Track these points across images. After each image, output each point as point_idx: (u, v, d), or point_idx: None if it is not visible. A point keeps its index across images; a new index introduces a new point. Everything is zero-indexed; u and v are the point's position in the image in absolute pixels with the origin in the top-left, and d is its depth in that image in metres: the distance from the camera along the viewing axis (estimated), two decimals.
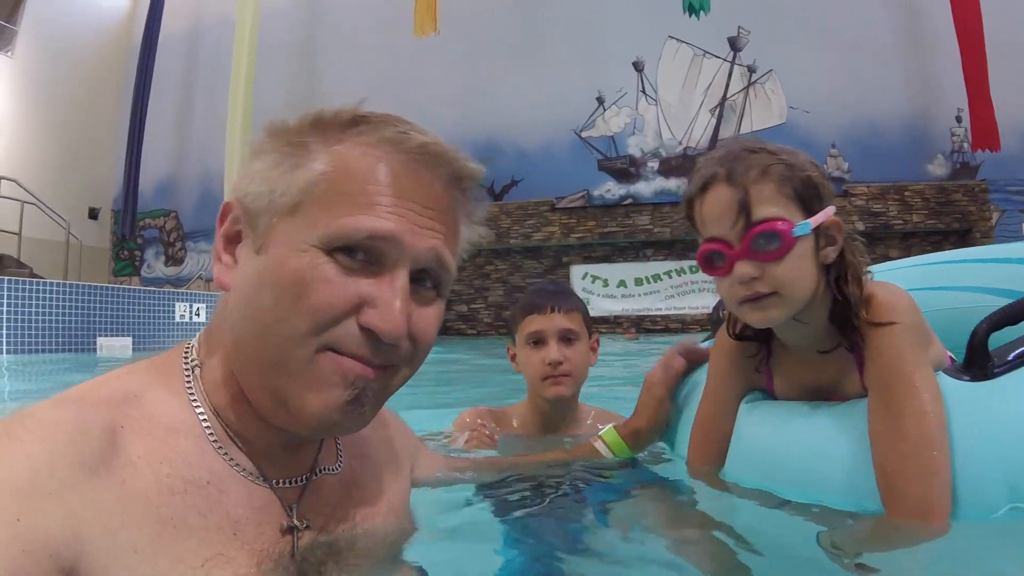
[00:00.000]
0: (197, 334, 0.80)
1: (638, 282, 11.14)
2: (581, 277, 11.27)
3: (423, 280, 0.73)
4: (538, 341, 1.75)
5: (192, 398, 0.73)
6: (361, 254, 0.68)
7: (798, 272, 1.08)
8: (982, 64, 11.00)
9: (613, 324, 11.07)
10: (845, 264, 1.13)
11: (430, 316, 0.74)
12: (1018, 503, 1.02)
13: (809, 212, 1.09)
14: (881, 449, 1.05)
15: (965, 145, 11.75)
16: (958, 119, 11.78)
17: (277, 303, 0.67)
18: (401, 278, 0.69)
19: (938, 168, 11.62)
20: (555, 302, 1.75)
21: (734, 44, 12.11)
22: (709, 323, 2.04)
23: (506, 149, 12.12)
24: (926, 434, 1.01)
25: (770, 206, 1.06)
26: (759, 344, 1.28)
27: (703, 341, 1.95)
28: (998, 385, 1.09)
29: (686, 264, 11.03)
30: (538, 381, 1.75)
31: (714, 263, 1.12)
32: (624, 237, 11.16)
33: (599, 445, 1.39)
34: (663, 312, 11.01)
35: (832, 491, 1.14)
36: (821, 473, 1.15)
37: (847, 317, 1.12)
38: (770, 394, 1.33)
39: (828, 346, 1.18)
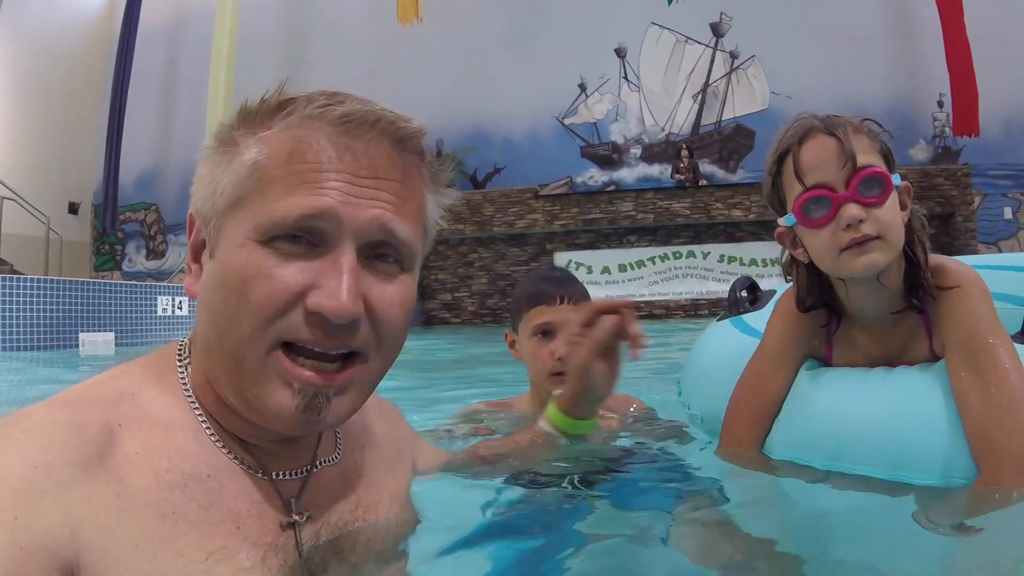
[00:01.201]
0: (189, 331, 0.79)
1: (622, 268, 11.11)
2: (565, 264, 11.22)
3: (384, 256, 0.70)
4: (546, 333, 1.67)
5: (187, 395, 0.73)
6: (304, 238, 0.66)
7: (896, 219, 1.13)
8: (965, 51, 11.07)
9: None
10: (914, 230, 1.18)
11: (393, 292, 0.70)
12: None
13: (891, 170, 1.15)
14: (974, 407, 1.05)
15: (947, 130, 11.80)
16: (940, 104, 11.82)
17: (226, 305, 0.66)
18: (346, 254, 0.66)
19: (920, 153, 11.65)
20: (565, 292, 1.67)
21: (716, 30, 12.10)
22: (728, 302, 2.12)
23: (492, 137, 12.08)
24: (1016, 391, 1.02)
25: (869, 155, 1.12)
26: (828, 312, 1.29)
27: (718, 320, 2.05)
28: None
29: (669, 250, 11.02)
30: (544, 376, 1.67)
31: (817, 210, 1.13)
32: (607, 223, 11.13)
33: (545, 424, 1.22)
34: (647, 298, 10.99)
35: (917, 457, 1.10)
36: (906, 438, 1.12)
37: (917, 278, 1.16)
38: (828, 363, 1.33)
39: (899, 307, 1.20)
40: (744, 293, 2.12)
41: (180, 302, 9.57)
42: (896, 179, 1.13)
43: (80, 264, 14.17)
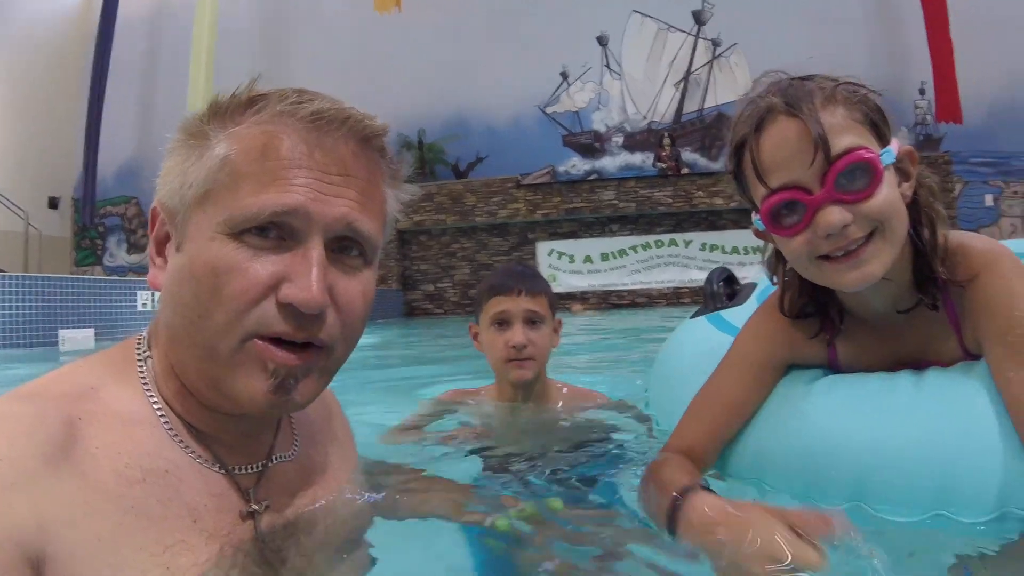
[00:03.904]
0: (147, 327, 0.80)
1: (604, 257, 11.09)
2: (547, 253, 11.21)
3: (348, 249, 0.73)
4: (503, 322, 1.73)
5: (147, 390, 0.74)
6: (273, 232, 0.68)
7: (895, 204, 0.89)
8: (947, 39, 11.10)
9: (580, 300, 11.01)
10: (921, 205, 0.95)
11: (356, 286, 0.73)
12: None
13: (883, 140, 0.91)
14: None
15: (928, 118, 11.84)
16: (921, 91, 11.87)
17: (196, 298, 0.68)
18: (315, 248, 0.69)
19: (901, 140, 11.57)
20: (522, 284, 1.73)
21: (698, 18, 12.07)
22: (703, 296, 1.91)
23: (474, 126, 12.04)
24: None
25: (847, 135, 0.87)
26: (820, 320, 1.05)
27: (692, 316, 1.85)
28: None
29: (651, 239, 11.01)
30: (501, 363, 1.74)
31: (788, 216, 0.90)
32: (590, 213, 11.10)
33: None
34: (629, 287, 10.98)
35: (969, 489, 0.86)
36: (952, 461, 0.87)
37: (929, 269, 0.94)
38: (833, 370, 1.09)
39: (907, 304, 0.98)
40: (721, 286, 1.89)
41: (160, 297, 9.48)
42: (889, 154, 0.89)
43: (60, 259, 14.02)
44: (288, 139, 0.69)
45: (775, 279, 1.09)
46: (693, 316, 1.87)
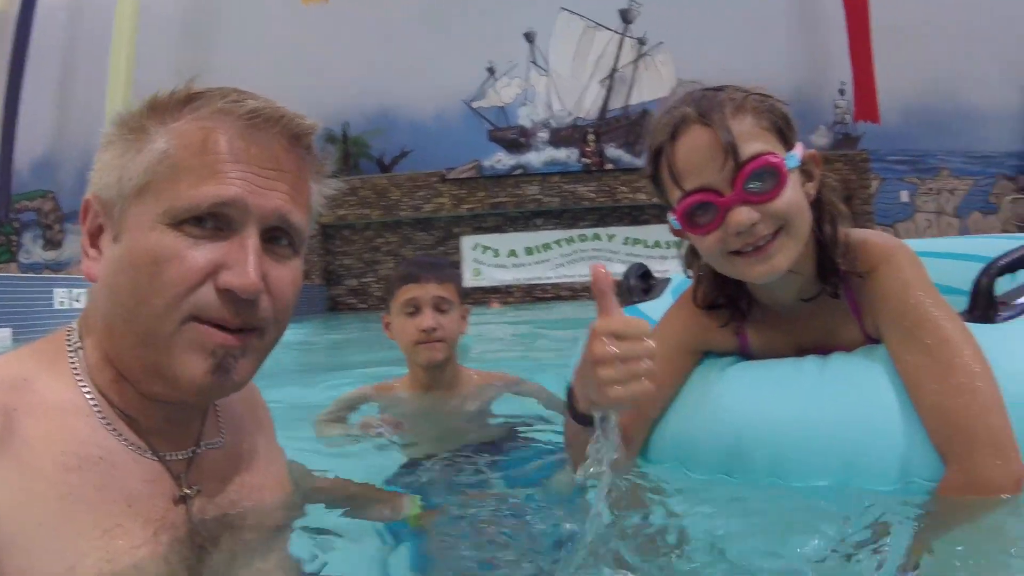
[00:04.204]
0: (77, 319, 0.82)
1: (528, 251, 11.10)
2: (472, 248, 11.16)
3: (278, 239, 0.77)
4: (413, 309, 1.81)
5: (79, 380, 0.75)
6: (210, 222, 0.72)
7: (798, 203, 1.00)
8: (867, 43, 11.45)
9: (504, 294, 10.98)
10: (823, 204, 1.06)
11: (287, 273, 0.78)
12: None
13: (788, 145, 1.01)
14: (929, 389, 0.93)
15: (847, 117, 12.17)
16: (841, 92, 12.20)
17: (135, 285, 0.71)
18: (251, 237, 0.73)
19: (820, 138, 11.98)
20: (430, 272, 1.84)
21: (625, 16, 12.20)
22: (619, 291, 1.94)
23: (398, 120, 11.93)
24: (973, 366, 0.92)
25: (755, 141, 0.97)
26: (730, 311, 1.16)
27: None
28: (1004, 329, 1.03)
29: (575, 233, 11.06)
30: (411, 347, 1.82)
31: (702, 216, 1.00)
32: (514, 207, 11.10)
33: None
34: (553, 280, 11.00)
35: (872, 460, 0.96)
36: (856, 436, 0.97)
37: (831, 261, 1.05)
38: (745, 356, 1.19)
39: (810, 293, 1.08)
40: (638, 281, 2.01)
41: (78, 294, 9.14)
42: (793, 157, 0.99)
43: None
44: (225, 135, 0.73)
45: (690, 273, 1.19)
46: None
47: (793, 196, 0.99)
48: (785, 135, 1.01)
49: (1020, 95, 12.63)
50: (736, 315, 1.16)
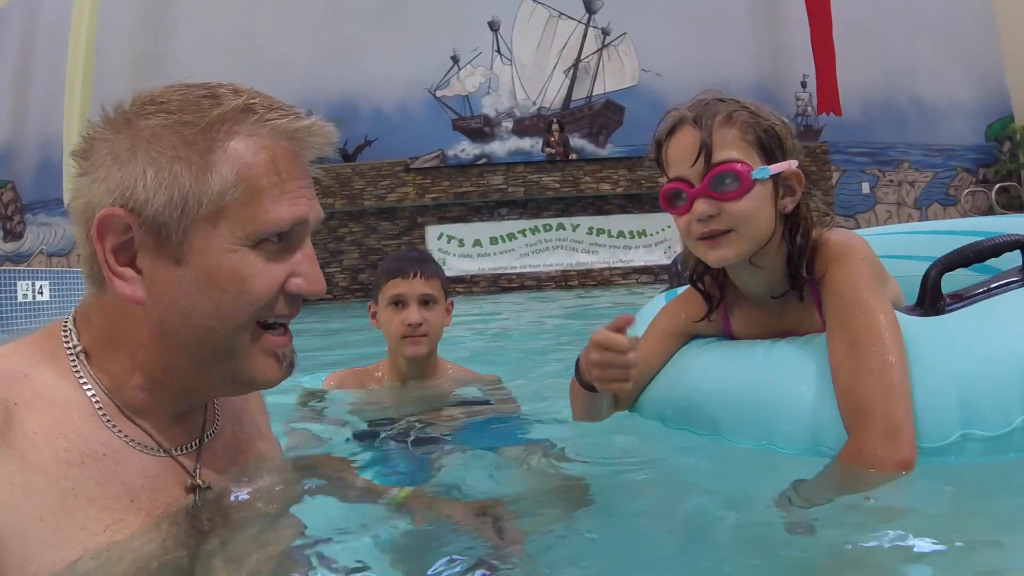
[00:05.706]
0: (68, 317, 0.82)
1: (493, 241, 11.07)
2: (436, 237, 11.12)
3: None
4: (399, 303, 1.92)
5: (80, 379, 0.76)
6: (282, 237, 0.78)
7: (754, 213, 1.15)
8: (829, 37, 11.59)
9: (469, 283, 10.96)
10: (799, 217, 1.20)
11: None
12: (969, 429, 1.03)
13: (770, 160, 1.16)
14: (846, 372, 1.07)
15: (809, 109, 12.33)
16: (803, 84, 12.34)
17: (218, 304, 0.75)
18: (310, 246, 0.82)
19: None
20: (417, 268, 1.95)
21: (589, 6, 12.23)
22: (668, 274, 2.22)
23: (361, 108, 11.83)
24: (887, 355, 1.04)
25: (731, 149, 1.15)
26: (711, 298, 1.35)
27: (662, 292, 2.06)
28: (949, 320, 1.13)
29: (540, 223, 11.06)
30: (397, 340, 1.93)
31: (675, 201, 1.20)
32: (479, 197, 11.07)
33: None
34: (518, 270, 11.00)
35: (787, 428, 1.12)
36: (779, 407, 1.14)
37: (797, 269, 1.20)
38: (728, 338, 1.38)
39: (779, 291, 1.25)
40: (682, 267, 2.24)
41: (41, 287, 8.94)
42: (764, 171, 1.14)
43: None
44: (283, 153, 0.78)
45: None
46: (663, 292, 2.19)
47: (754, 204, 1.15)
48: (769, 150, 1.17)
49: (979, 90, 12.90)
50: (716, 303, 1.36)
